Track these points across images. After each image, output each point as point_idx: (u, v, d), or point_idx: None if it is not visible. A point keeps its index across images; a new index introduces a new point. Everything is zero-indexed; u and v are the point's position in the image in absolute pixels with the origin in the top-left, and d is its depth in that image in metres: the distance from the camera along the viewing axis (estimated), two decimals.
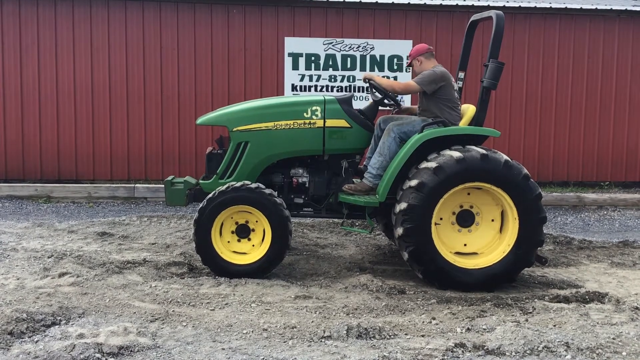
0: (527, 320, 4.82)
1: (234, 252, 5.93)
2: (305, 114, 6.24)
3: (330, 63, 10.95)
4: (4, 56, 10.30)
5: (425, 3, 10.93)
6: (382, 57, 11.08)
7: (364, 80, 6.38)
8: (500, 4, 11.07)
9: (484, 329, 4.60)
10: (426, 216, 5.61)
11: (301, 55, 10.89)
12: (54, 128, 10.46)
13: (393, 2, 10.85)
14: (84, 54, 10.46)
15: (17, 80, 10.35)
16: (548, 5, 11.15)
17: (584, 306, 5.22)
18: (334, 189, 6.36)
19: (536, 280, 6.08)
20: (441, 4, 10.98)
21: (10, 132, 10.40)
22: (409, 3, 10.92)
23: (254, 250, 5.92)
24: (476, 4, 11.04)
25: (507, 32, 11.17)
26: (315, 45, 10.91)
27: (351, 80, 11.02)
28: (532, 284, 5.97)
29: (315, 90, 10.99)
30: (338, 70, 10.99)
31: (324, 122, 6.24)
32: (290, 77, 10.92)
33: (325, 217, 6.73)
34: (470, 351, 4.23)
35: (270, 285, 5.62)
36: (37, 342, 4.16)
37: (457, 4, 10.99)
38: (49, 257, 6.19)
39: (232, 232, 5.94)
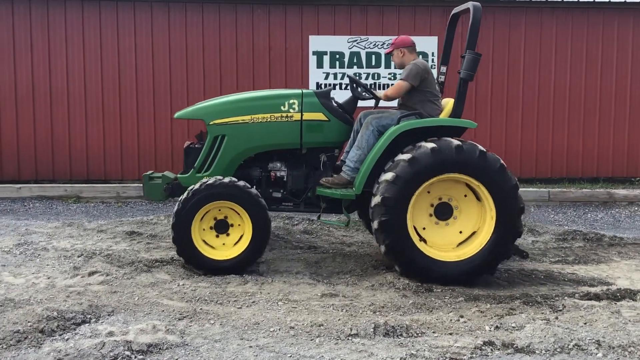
0: (557, 318, 4.75)
1: (211, 246, 5.94)
2: (282, 107, 6.23)
3: (355, 61, 10.93)
4: (33, 58, 10.47)
5: None
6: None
7: (349, 79, 6.39)
8: None
9: (513, 327, 4.55)
10: (402, 227, 5.59)
11: (325, 53, 10.89)
12: (83, 129, 10.60)
13: None
14: (111, 55, 10.58)
15: (47, 82, 10.51)
16: None
17: (615, 304, 5.13)
18: (312, 182, 6.34)
19: (566, 278, 5.99)
20: None
21: (40, 134, 10.56)
22: None
23: (232, 245, 5.94)
24: None
25: (534, 27, 11.07)
26: (339, 43, 10.90)
27: (376, 78, 10.98)
28: (561, 282, 5.89)
29: (340, 88, 10.97)
30: (363, 67, 10.96)
31: (302, 115, 6.23)
32: (315, 75, 10.93)
33: (304, 211, 6.66)
34: (499, 349, 4.18)
35: (297, 283, 5.63)
36: (67, 340, 4.21)
37: None
38: (78, 256, 6.28)
39: (211, 228, 5.94)
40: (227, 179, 5.87)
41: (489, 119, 11.16)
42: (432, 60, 10.97)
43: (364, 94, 6.42)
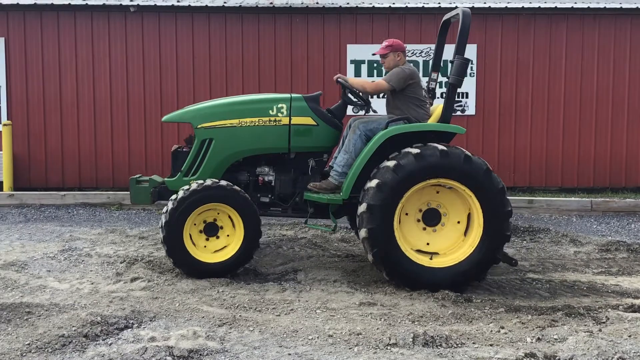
0: (600, 330, 4.65)
1: (204, 249, 5.96)
2: (270, 111, 6.22)
3: None
4: (78, 68, 10.74)
5: (489, 6, 10.76)
6: (445, 62, 10.93)
7: (336, 81, 6.32)
8: (568, 5, 10.80)
9: (555, 339, 4.47)
10: (390, 238, 5.60)
11: (363, 62, 10.90)
12: (125, 138, 10.82)
13: (457, 7, 10.73)
14: (153, 64, 10.80)
15: (90, 92, 10.77)
16: (618, 6, 10.80)
17: None
18: (300, 187, 6.31)
19: (609, 289, 5.87)
20: (506, 7, 10.80)
21: (83, 143, 10.82)
22: (472, 7, 10.77)
23: (224, 247, 5.97)
24: (543, 5, 10.80)
25: (576, 33, 10.90)
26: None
27: None
28: (605, 293, 5.76)
29: (378, 97, 10.94)
30: None
31: (290, 119, 6.22)
32: None
33: (292, 216, 6.61)
34: None
35: (335, 291, 5.63)
36: (110, 344, 4.29)
37: (522, 7, 10.77)
38: (121, 263, 6.40)
39: (200, 231, 5.95)
40: (224, 182, 5.91)
41: (529, 127, 11.02)
42: (471, 68, 10.89)
43: (351, 97, 6.36)
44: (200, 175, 6.21)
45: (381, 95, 10.11)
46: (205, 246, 5.97)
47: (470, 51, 10.86)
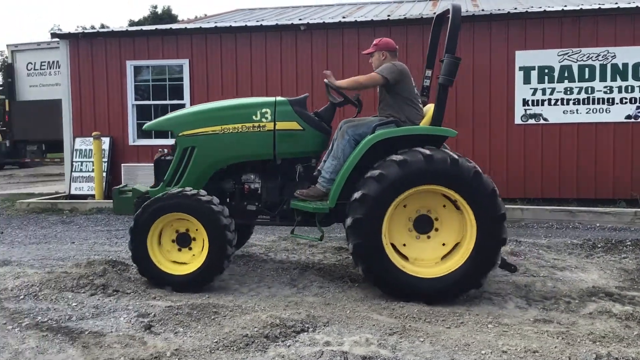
0: None
1: (174, 262, 5.81)
2: (254, 117, 5.99)
3: (566, 75, 10.41)
4: (253, 84, 11.45)
5: None
6: (625, 65, 10.25)
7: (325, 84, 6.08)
8: None
9: None
10: (377, 235, 5.40)
11: (533, 68, 10.52)
12: None
13: (637, 6, 10.02)
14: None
15: None
16: None
17: None
18: (287, 194, 6.05)
19: None
20: None
21: None
22: None
23: (193, 260, 5.79)
24: None
25: None
26: (549, 57, 10.48)
27: (590, 92, 10.35)
28: None
29: (549, 104, 10.50)
30: (574, 82, 10.41)
31: (275, 124, 5.96)
32: (522, 91, 10.61)
33: (280, 224, 6.34)
34: None
35: (506, 306, 5.49)
36: (289, 346, 4.51)
37: None
38: (294, 269, 6.71)
39: (173, 241, 5.82)
40: (175, 189, 5.78)
41: None
42: None
43: (338, 99, 6.12)
44: (183, 184, 6.06)
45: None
46: (172, 258, 5.84)
47: None
